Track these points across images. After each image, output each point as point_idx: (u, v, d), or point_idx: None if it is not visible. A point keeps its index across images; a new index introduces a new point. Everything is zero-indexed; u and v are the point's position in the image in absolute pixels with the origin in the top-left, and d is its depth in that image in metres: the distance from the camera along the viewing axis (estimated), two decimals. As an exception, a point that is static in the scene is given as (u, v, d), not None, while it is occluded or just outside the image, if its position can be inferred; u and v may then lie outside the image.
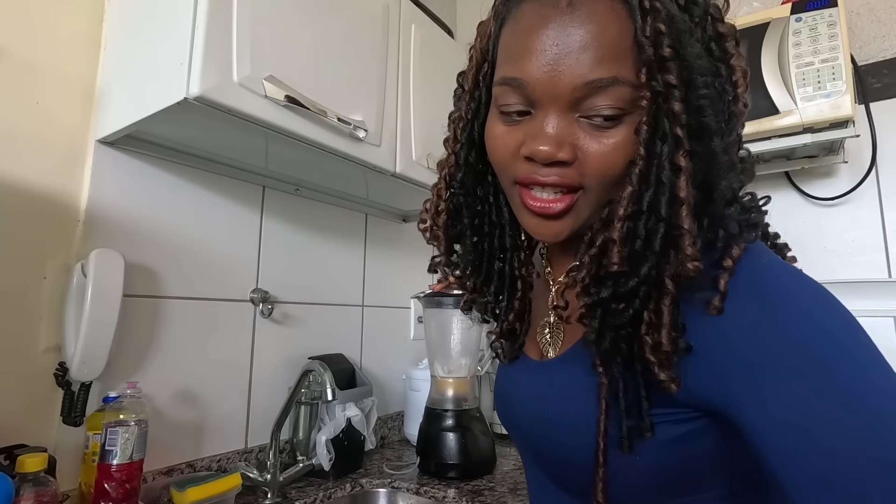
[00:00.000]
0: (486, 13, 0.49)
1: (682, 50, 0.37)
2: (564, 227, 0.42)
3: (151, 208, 0.93)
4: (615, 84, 0.37)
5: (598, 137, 0.39)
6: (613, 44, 0.38)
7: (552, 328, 0.50)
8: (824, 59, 1.03)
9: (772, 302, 0.35)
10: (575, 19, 0.38)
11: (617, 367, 0.39)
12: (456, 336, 1.21)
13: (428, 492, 1.04)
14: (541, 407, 0.47)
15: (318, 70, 0.89)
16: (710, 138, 0.37)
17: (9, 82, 0.80)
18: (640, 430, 0.38)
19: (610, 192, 0.40)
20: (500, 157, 0.44)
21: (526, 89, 0.40)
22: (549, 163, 0.40)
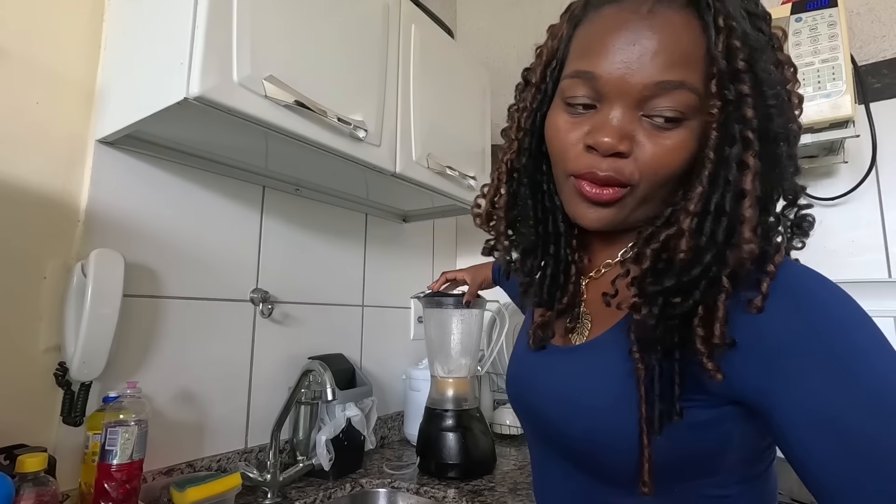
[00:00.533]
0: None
1: (754, 64, 0.40)
2: (607, 216, 0.46)
3: (151, 208, 0.93)
4: (681, 88, 0.41)
5: (656, 137, 0.42)
6: (685, 53, 0.41)
7: (580, 318, 0.53)
8: (824, 59, 1.03)
9: (803, 304, 0.38)
10: (653, 25, 0.42)
11: (655, 355, 0.41)
12: (456, 336, 1.21)
13: (428, 492, 1.04)
14: (567, 389, 0.49)
15: (319, 70, 0.89)
16: (776, 144, 0.40)
17: (9, 82, 0.80)
18: (671, 414, 0.40)
19: (656, 192, 0.44)
20: (560, 146, 0.47)
21: (597, 83, 0.43)
22: (608, 154, 0.43)
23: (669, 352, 0.41)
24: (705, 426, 0.42)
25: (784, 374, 0.37)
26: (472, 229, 1.87)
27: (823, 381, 0.35)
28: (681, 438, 0.41)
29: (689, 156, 0.42)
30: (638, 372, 0.42)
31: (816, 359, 0.36)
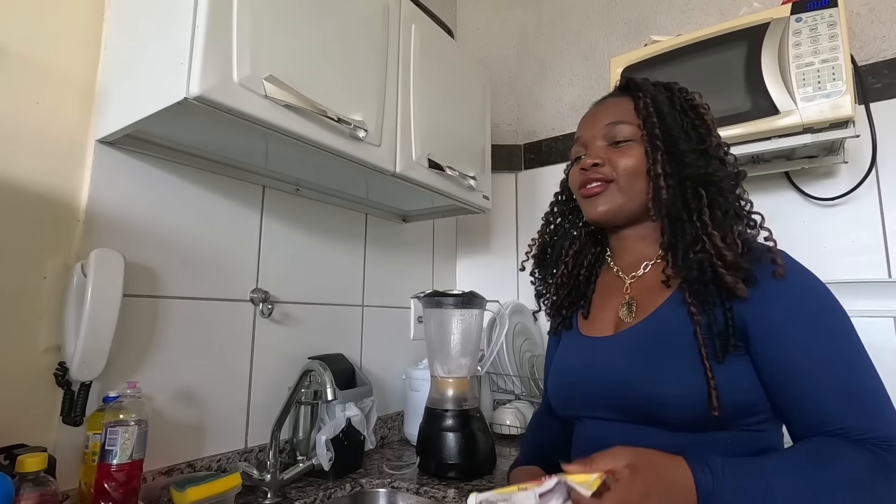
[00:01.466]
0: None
1: (659, 107, 0.72)
2: (602, 203, 0.73)
3: (151, 208, 0.93)
4: (621, 123, 0.73)
5: (619, 152, 0.73)
6: (622, 110, 0.75)
7: (629, 305, 0.72)
8: (824, 60, 1.03)
9: (807, 285, 0.62)
10: (604, 105, 0.79)
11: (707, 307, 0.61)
12: (456, 336, 1.21)
13: (428, 492, 1.04)
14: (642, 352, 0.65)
15: (319, 70, 0.89)
16: (676, 143, 0.69)
17: (9, 82, 0.80)
18: (727, 346, 0.59)
19: (633, 185, 0.71)
20: (572, 181, 0.79)
21: (581, 139, 0.78)
22: (591, 166, 0.73)
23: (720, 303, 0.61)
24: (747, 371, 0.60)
25: (785, 326, 0.59)
26: (471, 229, 1.87)
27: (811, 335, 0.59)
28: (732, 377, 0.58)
29: (641, 159, 0.70)
30: (695, 322, 0.61)
31: (811, 323, 0.59)
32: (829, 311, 0.60)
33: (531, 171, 1.77)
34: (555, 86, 1.76)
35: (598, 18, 1.68)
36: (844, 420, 0.55)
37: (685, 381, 0.59)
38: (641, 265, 0.74)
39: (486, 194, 1.38)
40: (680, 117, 0.71)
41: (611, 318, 0.74)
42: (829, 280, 0.62)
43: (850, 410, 0.55)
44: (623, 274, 0.77)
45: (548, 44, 1.80)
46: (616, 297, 0.76)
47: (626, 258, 0.77)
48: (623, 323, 0.72)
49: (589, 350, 0.74)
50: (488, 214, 1.64)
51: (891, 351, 1.08)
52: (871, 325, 1.10)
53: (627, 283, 0.75)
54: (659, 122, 0.70)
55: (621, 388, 0.65)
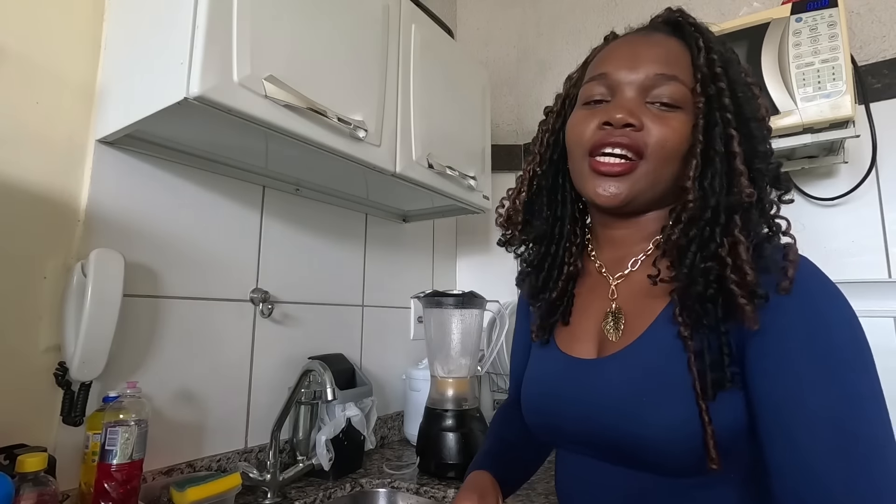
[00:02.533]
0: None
1: (728, 69, 0.53)
2: (621, 190, 0.54)
3: (151, 208, 0.93)
4: (675, 81, 0.53)
5: (660, 119, 0.53)
6: (676, 60, 0.55)
7: (615, 317, 0.58)
8: (824, 60, 1.03)
9: (820, 303, 0.47)
10: (649, 41, 0.57)
11: (702, 331, 0.48)
12: (456, 336, 1.21)
13: (428, 492, 1.04)
14: (628, 390, 0.52)
15: (319, 70, 0.89)
16: (748, 122, 0.52)
17: (9, 82, 0.80)
18: (723, 381, 0.47)
19: (663, 168, 0.53)
20: (578, 132, 0.57)
21: (609, 79, 0.56)
22: (622, 125, 0.52)
23: (715, 326, 0.48)
24: (736, 412, 0.47)
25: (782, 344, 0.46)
26: (472, 229, 1.87)
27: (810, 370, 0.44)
28: (728, 413, 0.47)
29: (687, 137, 0.52)
30: (688, 349, 0.48)
31: (806, 349, 0.45)
32: (844, 346, 0.45)
33: (531, 171, 1.77)
34: (555, 86, 1.73)
35: (598, 18, 1.68)
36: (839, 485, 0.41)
37: (673, 419, 0.48)
38: (628, 262, 0.59)
39: (486, 194, 1.38)
40: (745, 84, 0.54)
41: (593, 330, 0.60)
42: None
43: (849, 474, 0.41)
44: (607, 272, 0.61)
45: (548, 44, 1.80)
46: (599, 301, 0.61)
47: (611, 252, 0.62)
48: (607, 342, 0.57)
49: (569, 375, 0.59)
50: (488, 214, 1.63)
51: (891, 351, 1.08)
52: (871, 325, 1.09)
53: (612, 285, 0.60)
54: (729, 89, 0.51)
55: (606, 430, 0.53)
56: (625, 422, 0.51)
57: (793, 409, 0.44)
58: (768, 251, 0.49)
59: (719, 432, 0.46)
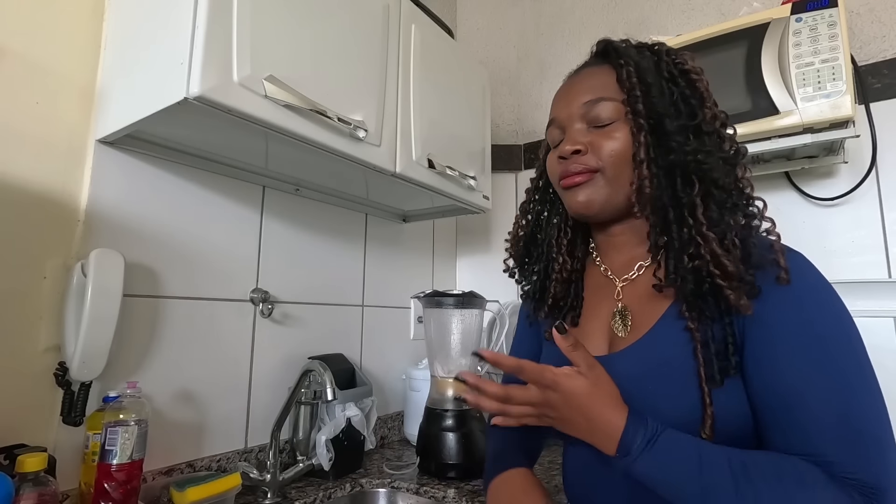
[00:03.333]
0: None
1: (643, 77, 0.61)
2: (585, 195, 0.63)
3: (151, 208, 0.93)
4: (603, 100, 0.62)
5: (602, 134, 0.62)
6: (603, 83, 0.64)
7: (622, 315, 0.64)
8: (824, 60, 1.03)
9: (813, 292, 0.53)
10: (580, 76, 0.68)
11: (707, 323, 0.54)
12: (456, 336, 1.21)
13: (428, 492, 1.04)
14: (639, 382, 0.57)
15: (319, 70, 0.89)
16: (663, 122, 0.58)
17: (9, 82, 0.80)
18: (727, 368, 0.52)
19: (621, 173, 0.61)
20: (551, 170, 0.69)
21: (557, 121, 0.67)
22: (569, 155, 0.63)
23: (718, 318, 0.53)
24: (745, 396, 0.53)
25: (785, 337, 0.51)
26: (471, 229, 1.87)
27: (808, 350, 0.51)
28: (733, 398, 0.52)
29: (629, 143, 0.60)
30: (694, 340, 0.54)
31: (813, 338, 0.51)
32: (835, 328, 0.51)
33: (531, 171, 1.76)
34: (555, 86, 1.74)
35: (598, 18, 1.68)
36: (832, 453, 0.47)
37: (683, 408, 0.53)
38: (635, 266, 0.65)
39: (486, 194, 1.38)
40: (668, 87, 0.61)
41: (602, 329, 0.65)
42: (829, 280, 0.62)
43: (841, 445, 0.47)
44: (613, 275, 0.67)
45: (548, 44, 1.80)
46: (607, 302, 0.66)
47: (617, 258, 0.68)
48: (616, 339, 0.63)
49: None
50: (488, 214, 1.64)
51: (891, 351, 1.08)
52: (871, 325, 1.10)
53: (619, 287, 0.66)
54: (643, 96, 0.59)
55: None
56: (640, 409, 0.54)
57: (788, 389, 0.50)
58: (753, 247, 0.54)
59: (728, 416, 0.52)
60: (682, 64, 0.62)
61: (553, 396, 0.53)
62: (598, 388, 0.53)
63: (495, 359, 0.53)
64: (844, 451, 0.47)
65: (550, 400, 0.53)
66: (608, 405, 0.52)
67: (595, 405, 0.52)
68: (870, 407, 0.48)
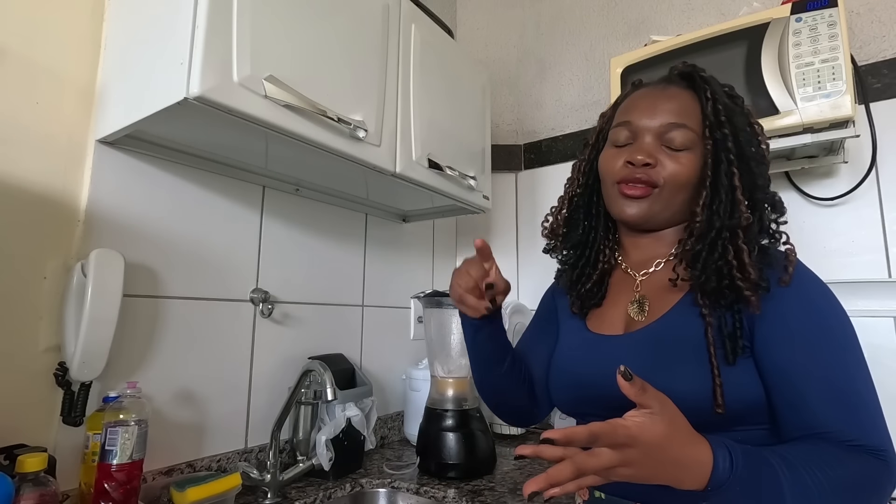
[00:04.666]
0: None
1: (731, 118, 0.66)
2: (641, 209, 0.68)
3: (151, 208, 0.93)
4: (685, 128, 0.66)
5: (673, 157, 0.66)
6: (686, 109, 0.67)
7: (639, 303, 0.70)
8: (824, 59, 1.03)
9: (813, 292, 0.61)
10: (666, 94, 0.70)
11: (720, 311, 0.60)
12: (456, 336, 1.21)
13: (428, 492, 1.04)
14: (654, 357, 0.63)
15: (319, 70, 0.89)
16: (748, 161, 0.64)
17: (9, 82, 0.80)
18: (736, 348, 0.59)
19: (675, 195, 0.67)
20: (608, 166, 0.71)
21: (632, 126, 0.70)
22: (641, 164, 0.66)
23: (730, 307, 0.60)
24: (754, 372, 0.59)
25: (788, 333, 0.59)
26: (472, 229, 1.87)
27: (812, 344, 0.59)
28: (742, 375, 0.59)
29: (696, 171, 0.65)
30: (707, 324, 0.60)
31: (814, 333, 0.59)
32: (833, 320, 0.59)
33: (531, 171, 1.77)
34: (555, 86, 1.76)
35: (598, 18, 1.68)
36: (837, 425, 0.55)
37: (697, 382, 0.58)
38: (653, 263, 0.72)
39: (486, 194, 1.38)
40: (748, 128, 0.67)
41: (620, 315, 0.72)
42: (829, 280, 0.62)
43: (844, 417, 0.55)
44: (633, 271, 0.74)
45: (548, 44, 1.80)
46: (626, 293, 0.73)
47: (637, 255, 0.74)
48: (634, 322, 0.69)
49: (599, 349, 0.71)
50: (488, 214, 1.64)
51: (891, 351, 1.08)
52: (871, 325, 1.10)
53: (638, 280, 0.72)
54: (731, 134, 0.64)
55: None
56: (651, 383, 0.54)
57: (795, 373, 0.57)
58: (772, 252, 0.63)
59: (737, 392, 0.57)
60: (751, 115, 0.69)
61: (632, 454, 0.47)
62: (676, 428, 0.50)
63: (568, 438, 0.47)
64: (846, 422, 0.55)
65: (629, 459, 0.47)
66: (691, 442, 0.50)
67: (680, 448, 0.49)
68: (862, 382, 0.57)
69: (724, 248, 0.62)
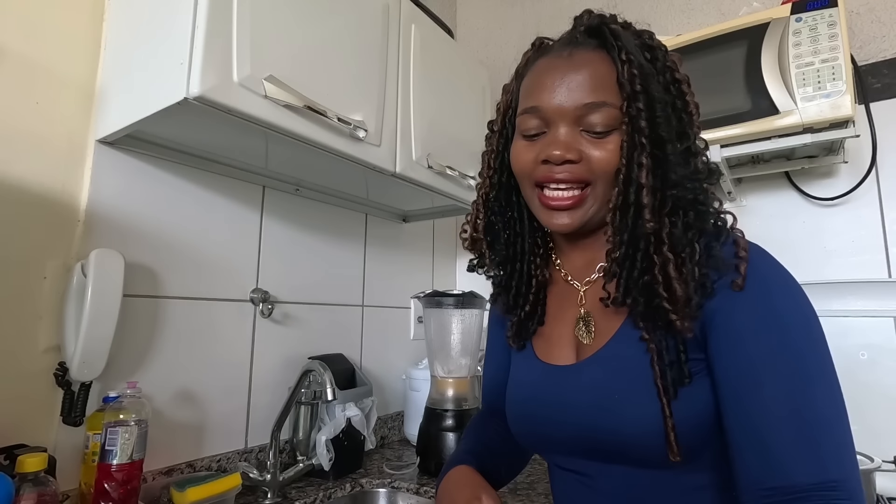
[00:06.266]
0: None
1: (647, 87, 0.52)
2: (573, 218, 0.56)
3: (151, 208, 0.93)
4: (605, 106, 0.53)
5: (597, 145, 0.54)
6: (602, 81, 0.54)
7: (585, 322, 0.60)
8: (824, 59, 1.02)
9: (772, 291, 0.50)
10: (574, 63, 0.56)
11: (660, 333, 0.51)
12: (456, 336, 1.21)
13: (428, 492, 1.04)
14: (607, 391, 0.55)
15: (319, 70, 0.89)
16: (664, 145, 0.52)
17: (9, 82, 0.80)
18: (681, 378, 0.50)
19: (610, 188, 0.54)
20: (522, 165, 0.59)
21: (542, 113, 0.56)
22: (561, 162, 0.54)
23: (668, 328, 0.51)
24: (706, 392, 0.51)
25: (736, 340, 0.50)
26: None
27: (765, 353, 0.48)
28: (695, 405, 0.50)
29: (619, 157, 0.53)
30: (650, 351, 0.51)
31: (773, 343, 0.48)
32: (795, 329, 0.49)
33: (531, 171, 1.77)
34: (555, 86, 1.75)
35: (598, 18, 1.68)
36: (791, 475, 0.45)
37: (647, 424, 0.51)
38: (595, 267, 0.61)
39: (486, 194, 1.38)
40: (666, 98, 0.54)
41: (568, 336, 0.62)
42: (829, 280, 0.61)
43: (798, 461, 0.45)
44: (574, 279, 0.63)
45: (548, 44, 1.79)
46: (570, 307, 0.63)
47: (576, 260, 0.64)
48: (582, 346, 0.60)
49: (551, 382, 0.61)
50: (488, 214, 1.64)
51: (891, 351, 1.08)
52: (871, 325, 1.10)
53: (581, 291, 0.62)
54: (647, 111, 0.52)
55: (592, 430, 0.55)
56: (604, 421, 0.54)
57: (750, 397, 0.48)
58: (717, 250, 0.51)
59: (689, 423, 0.50)
60: (675, 71, 0.56)
61: None
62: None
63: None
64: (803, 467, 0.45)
65: None
66: None
67: None
68: (827, 405, 0.47)
69: (647, 261, 0.51)
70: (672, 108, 0.54)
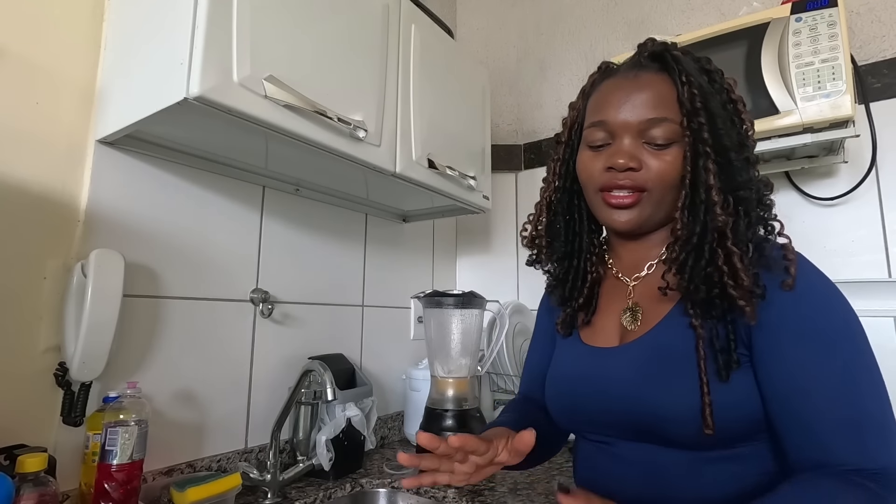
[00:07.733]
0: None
1: (707, 104, 0.59)
2: (632, 217, 0.63)
3: (151, 208, 0.93)
4: (665, 121, 0.60)
5: (657, 156, 0.61)
6: (664, 100, 0.61)
7: (632, 311, 0.67)
8: (824, 59, 1.02)
9: (820, 292, 0.56)
10: (639, 83, 0.63)
11: (711, 321, 0.57)
12: (456, 336, 1.21)
13: (428, 492, 1.04)
14: (645, 371, 0.60)
15: (319, 70, 0.89)
16: (727, 152, 0.59)
17: (9, 82, 0.80)
18: (730, 362, 0.55)
19: (665, 196, 0.62)
20: (587, 173, 0.66)
21: (608, 126, 0.63)
22: (623, 170, 0.61)
23: (722, 317, 0.56)
24: (752, 387, 0.56)
25: (789, 340, 0.54)
26: (471, 229, 1.87)
27: (816, 352, 0.54)
28: (734, 391, 0.55)
29: (680, 166, 0.60)
30: (698, 337, 0.56)
31: (817, 339, 0.54)
32: (841, 327, 0.54)
33: (531, 171, 1.77)
34: (555, 86, 1.75)
35: (598, 18, 1.68)
36: (837, 453, 0.51)
37: (687, 400, 0.55)
38: (645, 266, 0.68)
39: (486, 194, 1.38)
40: (724, 113, 0.61)
41: (614, 324, 0.68)
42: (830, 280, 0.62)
43: (844, 443, 0.51)
44: (624, 276, 0.70)
45: (548, 44, 1.79)
46: (618, 301, 0.69)
47: (627, 258, 0.71)
48: (627, 332, 0.66)
49: (594, 362, 0.67)
50: (488, 214, 1.64)
51: (891, 351, 1.08)
52: (871, 325, 1.09)
53: (630, 286, 0.69)
54: (709, 125, 0.58)
55: (629, 405, 0.60)
56: (645, 398, 0.59)
57: (795, 390, 0.53)
58: (768, 251, 0.57)
59: (725, 405, 0.54)
60: (731, 91, 0.63)
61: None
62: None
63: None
64: (848, 449, 0.50)
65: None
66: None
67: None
68: (872, 396, 0.52)
69: (713, 253, 0.57)
70: (731, 122, 0.61)
